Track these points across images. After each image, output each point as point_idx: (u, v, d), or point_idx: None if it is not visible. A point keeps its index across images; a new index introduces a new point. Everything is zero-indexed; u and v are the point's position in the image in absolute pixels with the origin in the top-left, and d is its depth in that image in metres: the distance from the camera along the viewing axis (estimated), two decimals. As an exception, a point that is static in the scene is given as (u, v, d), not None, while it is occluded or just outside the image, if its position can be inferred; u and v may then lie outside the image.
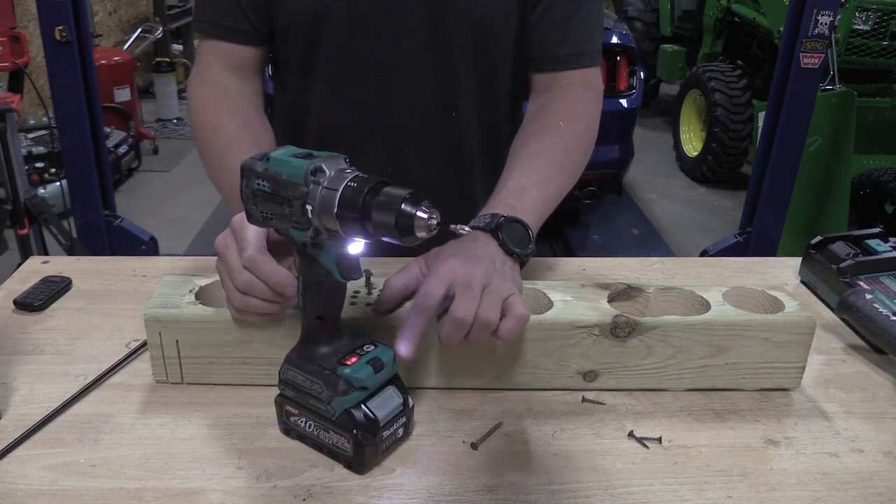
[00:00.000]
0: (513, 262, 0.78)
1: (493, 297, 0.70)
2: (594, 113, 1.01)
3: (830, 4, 2.49)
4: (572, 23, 0.98)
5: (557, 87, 1.00)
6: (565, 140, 0.94)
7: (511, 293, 0.72)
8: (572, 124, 0.96)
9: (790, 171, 2.71)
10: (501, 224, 0.79)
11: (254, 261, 0.69)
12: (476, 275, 0.71)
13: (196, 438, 0.71)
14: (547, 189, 0.89)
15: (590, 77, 1.01)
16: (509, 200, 0.84)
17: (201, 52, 1.02)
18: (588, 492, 0.66)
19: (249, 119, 0.96)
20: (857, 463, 0.71)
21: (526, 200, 0.85)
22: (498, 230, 0.78)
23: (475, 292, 0.70)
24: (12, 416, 0.74)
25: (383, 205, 0.57)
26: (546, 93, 1.01)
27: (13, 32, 2.49)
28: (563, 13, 0.98)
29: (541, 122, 0.97)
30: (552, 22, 0.98)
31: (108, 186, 2.73)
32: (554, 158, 0.92)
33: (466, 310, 0.68)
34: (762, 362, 0.79)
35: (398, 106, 1.02)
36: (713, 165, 4.68)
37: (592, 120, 1.00)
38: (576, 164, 0.96)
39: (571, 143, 0.95)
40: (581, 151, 0.97)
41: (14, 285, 0.98)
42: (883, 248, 1.03)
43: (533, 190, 0.87)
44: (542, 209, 0.88)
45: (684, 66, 5.59)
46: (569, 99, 0.99)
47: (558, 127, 0.95)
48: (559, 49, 0.99)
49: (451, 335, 0.69)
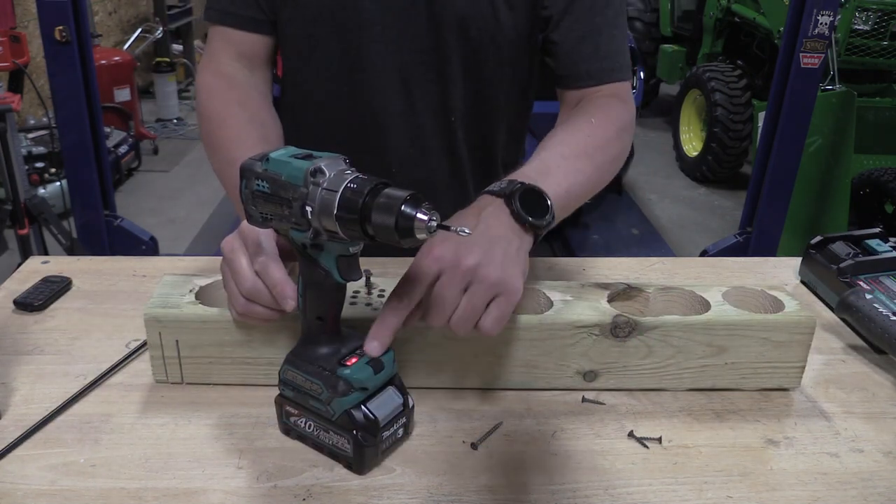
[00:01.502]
0: (523, 234, 0.73)
1: (481, 287, 0.66)
2: (628, 121, 0.96)
3: (830, 4, 2.49)
4: (602, 37, 0.96)
5: (588, 100, 0.97)
6: (597, 136, 0.89)
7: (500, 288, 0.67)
8: (604, 123, 0.92)
9: (790, 171, 2.71)
10: (517, 190, 0.73)
11: (266, 266, 0.69)
12: (466, 261, 0.67)
13: (196, 438, 0.71)
14: (574, 178, 0.83)
15: (621, 91, 0.98)
16: (531, 174, 0.78)
17: (211, 42, 1.02)
18: (588, 492, 0.66)
19: (258, 112, 0.95)
20: (857, 463, 0.71)
21: (549, 181, 0.78)
22: (512, 196, 0.73)
23: (456, 282, 0.66)
24: (12, 416, 0.74)
25: (383, 206, 0.56)
26: (576, 107, 0.97)
27: (13, 32, 2.49)
28: (591, 27, 0.95)
29: (572, 119, 0.93)
30: (581, 37, 0.96)
31: (108, 186, 2.73)
32: (584, 150, 0.87)
33: (443, 305, 0.66)
34: (762, 362, 0.79)
35: (400, 106, 1.02)
36: (713, 165, 4.68)
37: (626, 127, 0.95)
38: (606, 162, 0.90)
39: (602, 141, 0.90)
40: (612, 151, 0.92)
41: (14, 285, 0.98)
42: (883, 248, 1.03)
43: (559, 172, 0.81)
44: (567, 197, 0.81)
45: (684, 66, 5.58)
46: (601, 105, 0.95)
47: (590, 122, 0.91)
48: (591, 64, 0.96)
49: (434, 322, 0.67)
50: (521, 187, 0.74)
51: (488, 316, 0.68)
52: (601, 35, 0.96)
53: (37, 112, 4.30)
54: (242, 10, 0.98)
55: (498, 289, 0.67)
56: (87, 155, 2.60)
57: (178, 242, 3.61)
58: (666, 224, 4.21)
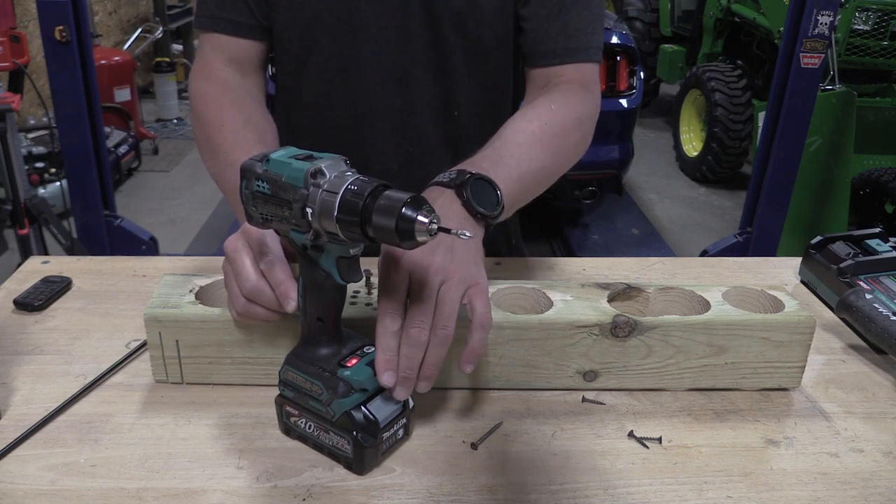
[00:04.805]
0: (475, 225, 0.73)
1: (452, 284, 0.67)
2: (589, 111, 0.96)
3: (830, 4, 2.49)
4: (570, 15, 0.95)
5: (553, 84, 0.96)
6: (553, 123, 0.89)
7: (469, 281, 0.68)
8: (563, 111, 0.92)
9: (790, 171, 2.71)
10: (467, 181, 0.74)
11: (272, 266, 0.69)
12: (433, 261, 0.66)
13: (196, 438, 0.71)
14: (526, 165, 0.83)
15: (587, 75, 0.97)
16: (483, 164, 0.79)
17: (202, 49, 1.01)
18: (588, 492, 0.66)
19: (253, 115, 0.95)
20: (857, 463, 0.71)
21: (501, 170, 0.79)
22: (463, 187, 0.73)
23: (432, 285, 0.66)
24: (12, 416, 0.74)
25: (384, 209, 0.56)
26: (542, 90, 0.97)
27: (13, 32, 2.49)
28: (559, 5, 0.95)
29: (531, 105, 0.93)
30: (548, 14, 0.95)
31: (108, 186, 2.73)
32: (540, 138, 0.87)
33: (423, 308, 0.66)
34: (762, 362, 0.79)
35: (399, 106, 1.02)
36: (713, 165, 4.68)
37: (587, 116, 0.95)
38: (563, 150, 0.90)
39: (559, 128, 0.89)
40: (570, 140, 0.92)
41: (14, 285, 0.98)
42: (883, 248, 1.03)
43: (511, 161, 0.82)
44: (519, 185, 0.81)
45: (684, 66, 5.59)
46: (563, 91, 0.95)
47: (549, 109, 0.91)
48: (556, 42, 0.96)
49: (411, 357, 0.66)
50: (471, 177, 0.74)
51: (473, 312, 0.68)
52: (569, 14, 0.95)
53: (37, 112, 4.30)
54: (234, 16, 0.98)
55: (467, 282, 0.68)
56: (87, 155, 2.60)
57: (178, 242, 3.61)
58: (666, 224, 4.21)
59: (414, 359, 0.65)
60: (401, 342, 0.66)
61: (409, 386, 0.66)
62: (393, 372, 0.65)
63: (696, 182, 4.87)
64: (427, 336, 0.65)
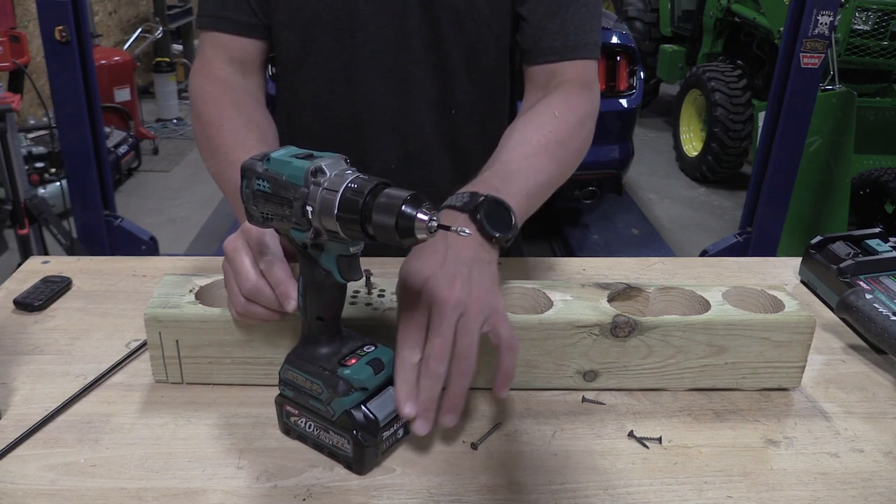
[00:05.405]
0: (490, 250, 0.73)
1: (471, 316, 0.66)
2: (590, 110, 0.97)
3: (830, 4, 2.49)
4: (568, 12, 0.95)
5: (553, 84, 0.97)
6: (558, 131, 0.89)
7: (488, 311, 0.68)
8: (567, 116, 0.92)
9: (790, 171, 2.71)
10: (481, 204, 0.73)
11: (272, 265, 0.69)
12: (452, 295, 0.66)
13: (196, 438, 0.71)
14: (535, 179, 0.83)
15: (586, 73, 0.98)
16: (493, 182, 0.78)
17: (203, 48, 1.01)
18: (588, 492, 0.66)
19: (253, 115, 0.94)
20: (857, 463, 0.71)
21: (511, 186, 0.79)
22: (477, 211, 0.73)
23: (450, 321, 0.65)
24: (12, 416, 0.74)
25: (384, 206, 0.56)
26: (542, 89, 0.98)
27: (13, 32, 2.49)
28: (558, 3, 0.95)
29: (534, 112, 0.93)
30: (546, 12, 0.96)
31: (108, 186, 2.73)
32: (546, 147, 0.87)
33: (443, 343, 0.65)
34: (762, 362, 0.79)
35: (398, 104, 1.02)
36: (713, 165, 4.68)
37: (588, 117, 0.96)
38: (568, 156, 0.91)
39: (564, 135, 0.90)
40: (574, 145, 0.92)
41: (14, 285, 0.98)
42: (883, 248, 1.03)
43: (520, 176, 0.82)
44: (528, 199, 0.82)
45: (684, 66, 5.59)
46: (564, 93, 0.95)
47: (553, 116, 0.91)
48: (555, 40, 0.96)
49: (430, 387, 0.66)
50: (485, 200, 0.74)
51: (500, 338, 0.68)
52: (567, 11, 0.95)
53: (37, 112, 4.30)
54: (235, 15, 0.98)
55: (486, 312, 0.68)
56: (87, 155, 2.60)
57: (178, 242, 3.62)
58: (666, 224, 4.21)
59: (433, 390, 0.66)
60: (420, 374, 0.66)
61: (430, 419, 0.66)
62: (413, 403, 0.65)
63: (696, 182, 4.87)
64: (445, 368, 0.65)
